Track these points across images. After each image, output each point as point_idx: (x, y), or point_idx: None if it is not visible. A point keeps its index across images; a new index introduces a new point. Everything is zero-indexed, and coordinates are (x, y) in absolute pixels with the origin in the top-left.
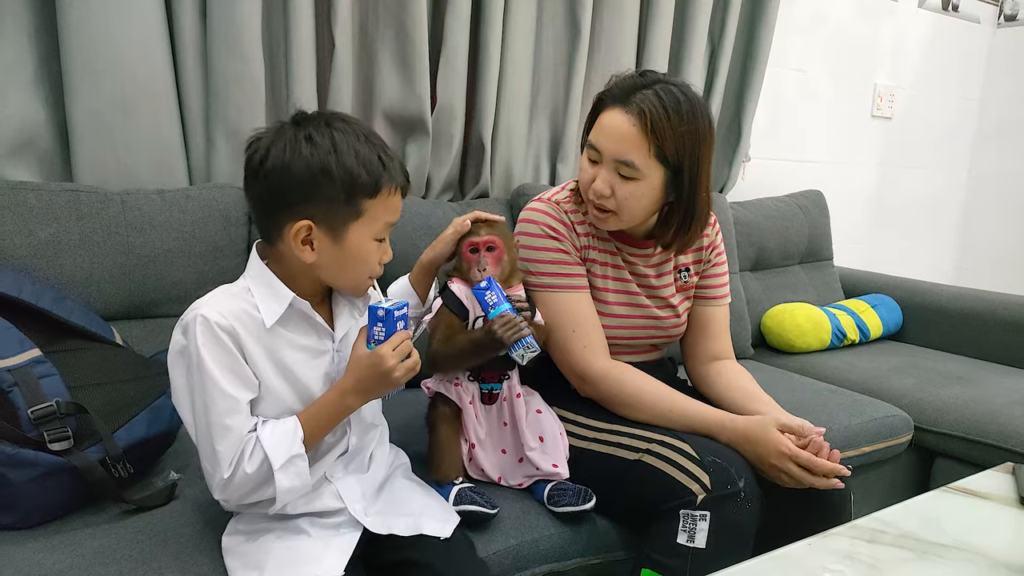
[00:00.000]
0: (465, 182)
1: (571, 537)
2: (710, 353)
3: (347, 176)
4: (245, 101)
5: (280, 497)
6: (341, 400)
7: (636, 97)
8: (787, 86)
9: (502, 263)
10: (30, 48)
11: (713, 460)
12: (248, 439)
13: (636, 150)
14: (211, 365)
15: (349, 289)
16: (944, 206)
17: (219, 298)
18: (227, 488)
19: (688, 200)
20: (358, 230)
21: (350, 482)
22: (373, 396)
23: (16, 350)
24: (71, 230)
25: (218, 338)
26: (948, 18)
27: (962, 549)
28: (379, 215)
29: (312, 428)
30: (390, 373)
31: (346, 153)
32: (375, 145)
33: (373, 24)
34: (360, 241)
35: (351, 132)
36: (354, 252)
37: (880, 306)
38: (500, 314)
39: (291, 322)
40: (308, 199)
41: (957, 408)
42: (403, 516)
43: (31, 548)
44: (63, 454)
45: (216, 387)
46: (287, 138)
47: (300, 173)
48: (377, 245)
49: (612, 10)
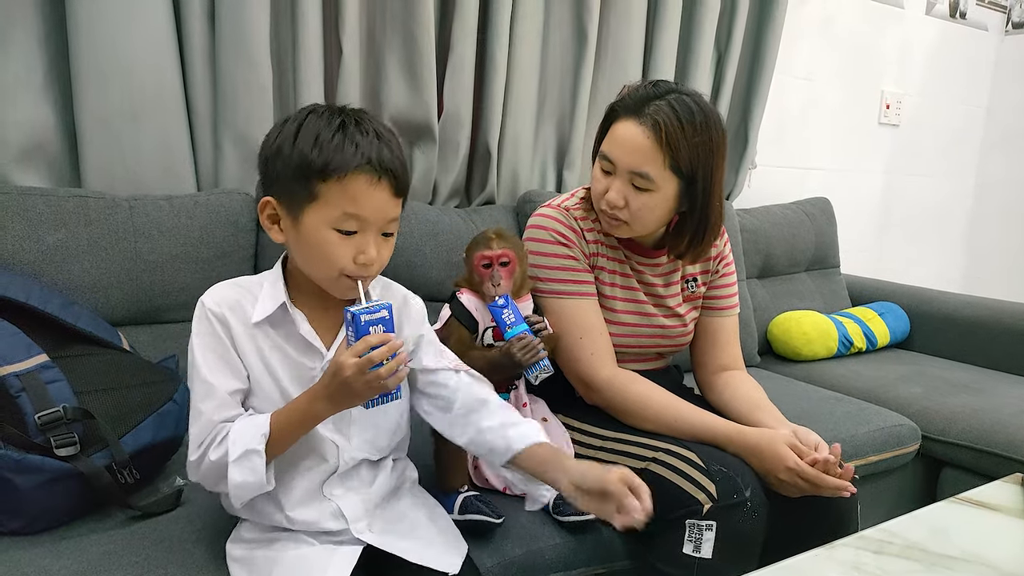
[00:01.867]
0: (472, 189)
1: (576, 546)
2: (719, 363)
3: (298, 154)
4: (253, 107)
5: (232, 492)
6: (310, 406)
7: (650, 108)
8: (794, 93)
9: (514, 277)
10: (40, 54)
11: (719, 469)
12: (221, 428)
13: (651, 162)
14: (196, 349)
15: (326, 285)
16: (951, 214)
17: (224, 286)
18: (194, 471)
19: (702, 210)
20: (313, 215)
21: (352, 501)
22: (343, 405)
23: (24, 355)
24: (79, 236)
25: (209, 323)
26: (956, 25)
27: (970, 561)
28: (336, 202)
29: (280, 431)
30: (349, 384)
31: (308, 131)
32: (347, 130)
33: (380, 31)
34: (315, 228)
35: (328, 114)
36: (310, 238)
37: (887, 314)
38: (518, 336)
39: (282, 328)
40: (268, 176)
41: (965, 417)
42: (409, 540)
43: (37, 553)
44: (69, 460)
45: (196, 371)
46: (277, 123)
47: (265, 151)
48: (339, 237)
49: (619, 17)
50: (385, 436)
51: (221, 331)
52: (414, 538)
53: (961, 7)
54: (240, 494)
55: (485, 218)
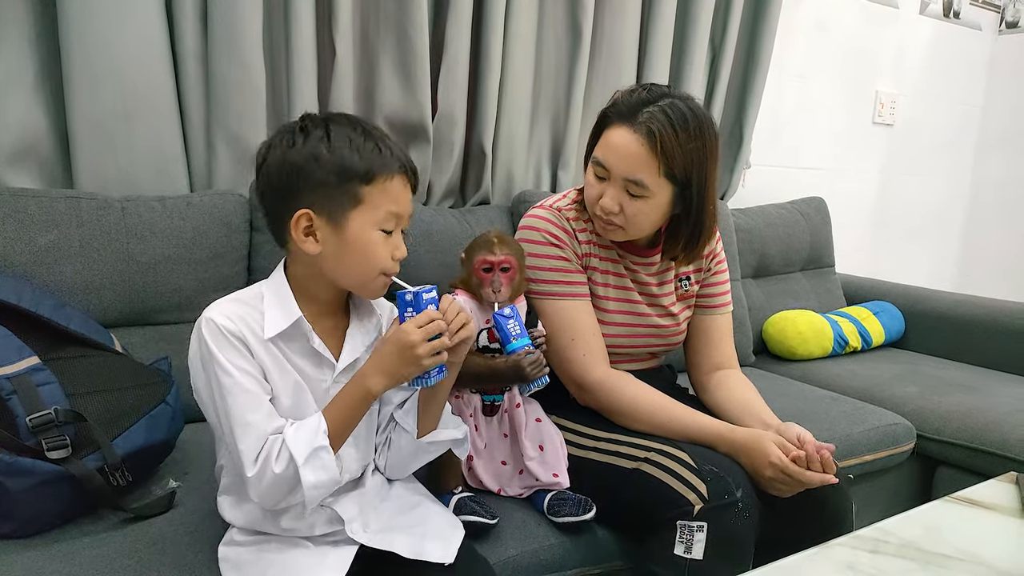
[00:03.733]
0: (466, 189)
1: (571, 547)
2: (712, 362)
3: (338, 160)
4: (246, 108)
5: (308, 494)
6: (363, 383)
7: (643, 115)
8: (788, 93)
9: (514, 284)
10: (31, 55)
11: (711, 469)
12: (275, 440)
13: (646, 170)
14: (226, 363)
15: (359, 288)
16: (946, 213)
17: (227, 303)
18: (257, 489)
19: (696, 214)
20: (358, 218)
21: (345, 503)
22: (397, 377)
23: (15, 357)
24: (71, 237)
25: (227, 339)
26: (950, 25)
27: (965, 560)
28: (379, 203)
29: (337, 421)
30: (412, 348)
31: (339, 139)
32: (373, 135)
33: (374, 30)
34: (361, 230)
35: (347, 124)
36: (356, 242)
37: (882, 313)
38: (526, 349)
39: (294, 342)
40: (303, 188)
41: (960, 416)
42: (404, 533)
43: (29, 557)
44: (61, 462)
45: (234, 383)
46: (284, 134)
47: (294, 162)
48: (383, 237)
49: (613, 16)
50: (364, 445)
51: (241, 346)
52: (408, 532)
53: (955, 7)
54: (316, 494)
55: (480, 218)
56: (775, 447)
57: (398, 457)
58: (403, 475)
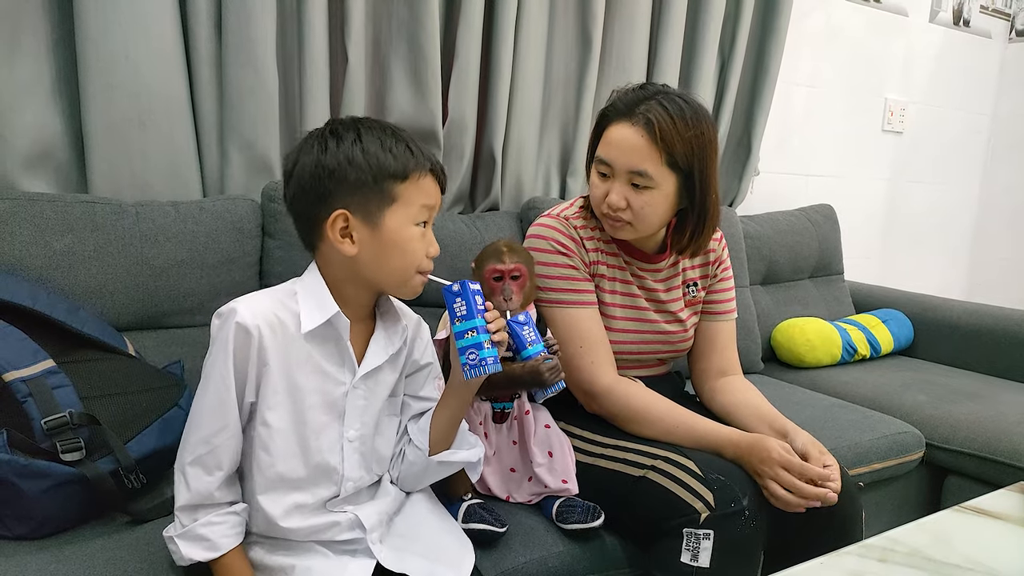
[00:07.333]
0: (476, 195)
1: (579, 554)
2: (716, 368)
3: (374, 160)
4: (259, 114)
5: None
6: None
7: (640, 109)
8: (797, 100)
9: (524, 291)
10: (48, 61)
11: (717, 477)
12: (209, 485)
13: (648, 160)
14: (215, 363)
15: (396, 287)
16: (956, 221)
17: (260, 295)
18: (179, 478)
19: (701, 204)
20: (394, 215)
21: (368, 511)
22: None
23: (30, 360)
24: (86, 241)
25: (232, 343)
26: (959, 33)
27: (974, 569)
28: (414, 198)
29: None
30: None
31: (371, 141)
32: (403, 137)
33: (386, 38)
34: (399, 227)
35: (377, 127)
36: (394, 238)
37: (891, 321)
38: (542, 355)
39: (321, 341)
40: (338, 189)
41: (969, 425)
42: (418, 556)
43: (43, 558)
44: (75, 465)
45: (212, 385)
46: (315, 139)
47: (328, 165)
48: (420, 232)
49: (623, 25)
50: (380, 455)
51: (246, 345)
52: (422, 554)
53: (965, 15)
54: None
55: (489, 225)
56: (777, 444)
57: (410, 471)
58: (416, 488)
